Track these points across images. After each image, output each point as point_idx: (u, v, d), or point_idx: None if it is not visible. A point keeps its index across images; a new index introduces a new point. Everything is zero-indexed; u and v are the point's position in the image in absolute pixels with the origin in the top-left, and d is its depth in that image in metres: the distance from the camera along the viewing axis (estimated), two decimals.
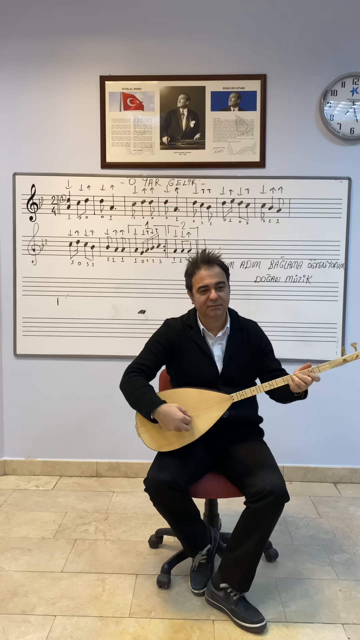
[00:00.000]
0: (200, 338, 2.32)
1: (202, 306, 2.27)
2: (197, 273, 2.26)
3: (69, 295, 3.35)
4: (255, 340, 2.37)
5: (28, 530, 2.81)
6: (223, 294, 2.26)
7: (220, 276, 2.27)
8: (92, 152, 3.30)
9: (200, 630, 2.08)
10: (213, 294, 2.23)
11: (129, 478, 3.43)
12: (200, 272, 2.25)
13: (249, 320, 2.44)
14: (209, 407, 2.20)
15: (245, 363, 2.33)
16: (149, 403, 2.18)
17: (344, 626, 2.11)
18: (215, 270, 2.26)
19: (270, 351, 2.40)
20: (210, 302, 2.24)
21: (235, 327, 2.36)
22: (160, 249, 3.31)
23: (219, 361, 2.32)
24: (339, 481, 3.40)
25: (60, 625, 2.10)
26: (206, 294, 2.24)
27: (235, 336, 2.34)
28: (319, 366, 2.15)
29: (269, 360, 2.37)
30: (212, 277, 2.24)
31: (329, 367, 2.14)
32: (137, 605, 2.22)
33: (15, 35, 3.25)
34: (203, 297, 2.25)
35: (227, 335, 2.34)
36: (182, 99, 3.24)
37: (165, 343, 2.33)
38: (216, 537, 2.37)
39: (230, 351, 2.31)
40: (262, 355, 2.37)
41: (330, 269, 3.27)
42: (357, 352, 2.13)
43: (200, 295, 2.26)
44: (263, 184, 3.25)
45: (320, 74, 3.19)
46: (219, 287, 2.25)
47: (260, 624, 2.06)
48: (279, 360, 2.41)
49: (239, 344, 2.33)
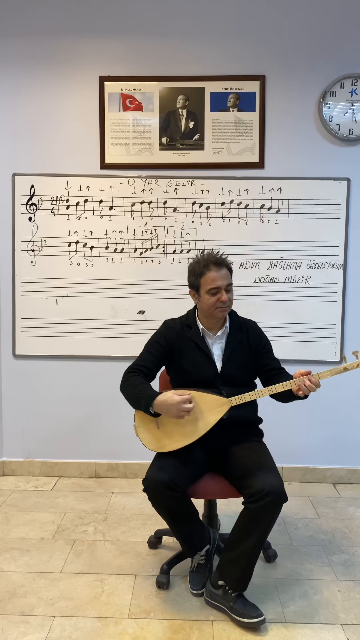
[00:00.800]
0: (199, 338, 2.32)
1: (210, 307, 2.26)
2: (207, 274, 2.25)
3: (68, 296, 3.35)
4: (255, 339, 2.37)
5: (27, 530, 2.81)
6: (231, 296, 2.28)
7: (229, 277, 2.28)
8: (91, 152, 3.30)
9: (199, 630, 2.08)
10: (224, 296, 2.23)
11: (128, 479, 3.43)
12: (210, 274, 2.24)
13: (248, 320, 2.44)
14: (207, 410, 2.20)
15: (245, 362, 2.33)
16: (146, 397, 2.18)
17: (342, 626, 2.11)
18: (224, 272, 2.26)
19: (270, 350, 2.41)
20: (220, 304, 2.24)
21: (234, 326, 2.36)
22: (159, 250, 3.31)
23: (218, 360, 2.32)
24: (338, 482, 3.40)
25: (59, 625, 2.10)
26: (216, 295, 2.24)
27: (234, 335, 2.34)
28: (320, 373, 2.15)
29: (268, 359, 2.38)
30: (222, 278, 2.24)
31: (330, 374, 2.15)
32: (136, 606, 2.22)
33: (14, 36, 3.25)
34: (213, 298, 2.24)
35: (226, 334, 2.34)
36: (181, 99, 3.24)
37: (165, 344, 2.34)
38: (215, 537, 2.37)
39: (229, 350, 2.32)
40: (262, 354, 2.37)
41: (329, 270, 3.27)
42: (358, 361, 2.13)
43: (210, 297, 2.25)
44: (262, 185, 3.25)
45: (319, 75, 3.19)
46: (227, 289, 2.26)
47: (259, 619, 2.06)
48: (278, 359, 2.41)
49: (238, 343, 2.33)
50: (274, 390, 2.19)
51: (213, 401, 2.21)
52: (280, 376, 2.32)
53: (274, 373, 2.34)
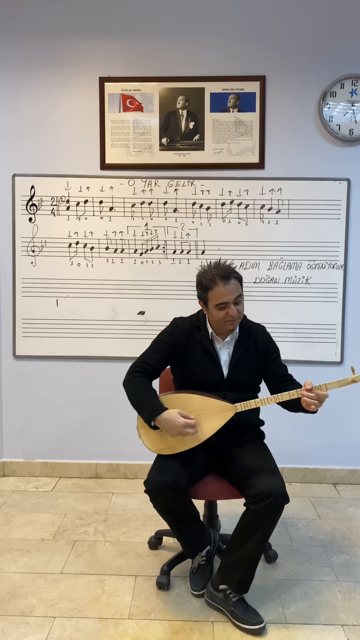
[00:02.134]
0: (208, 341, 2.29)
1: (219, 321, 2.21)
2: (214, 289, 2.17)
3: (68, 297, 3.35)
4: (263, 345, 2.33)
5: (27, 531, 2.80)
6: (241, 307, 2.22)
7: (238, 289, 2.20)
8: (91, 153, 3.30)
9: (200, 631, 2.08)
10: (233, 310, 2.17)
11: (128, 479, 3.43)
12: (217, 288, 2.16)
13: (258, 325, 2.40)
14: (211, 414, 2.18)
15: (251, 368, 2.31)
16: (150, 409, 2.16)
17: (343, 627, 2.11)
18: (232, 285, 2.17)
19: (277, 357, 2.37)
20: (229, 318, 2.19)
21: (243, 332, 2.32)
22: (159, 250, 3.31)
23: (225, 366, 2.29)
24: (339, 482, 3.40)
25: (60, 626, 2.10)
26: (225, 310, 2.18)
27: (242, 341, 2.31)
28: (327, 384, 2.12)
29: (275, 366, 2.34)
30: (230, 293, 2.17)
31: (337, 385, 2.12)
32: (136, 607, 2.22)
33: (14, 37, 3.25)
34: (222, 313, 2.19)
35: (235, 340, 2.31)
36: (182, 100, 3.24)
37: (172, 343, 2.30)
38: (216, 538, 2.37)
39: (236, 356, 2.29)
40: (269, 361, 2.34)
41: (329, 270, 3.27)
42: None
43: (218, 311, 2.19)
44: (262, 185, 3.25)
45: (319, 76, 3.19)
46: (237, 302, 2.20)
47: (259, 626, 2.06)
48: (285, 366, 2.38)
49: (245, 350, 2.30)
50: (281, 399, 2.16)
51: (218, 406, 2.19)
52: (287, 384, 2.28)
53: (281, 381, 2.31)
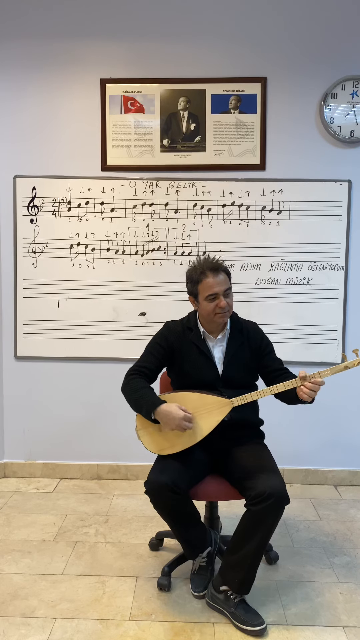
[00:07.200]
0: (200, 340, 2.32)
1: (209, 314, 2.25)
2: (204, 281, 2.24)
3: (69, 298, 3.35)
4: (255, 341, 2.37)
5: (28, 532, 2.80)
6: (230, 300, 2.27)
7: (227, 282, 2.26)
8: (92, 154, 3.30)
9: (201, 633, 2.08)
10: (222, 302, 2.22)
11: (129, 480, 3.43)
12: (207, 280, 2.23)
13: (249, 322, 2.44)
14: (209, 411, 2.20)
15: (246, 364, 2.33)
16: (149, 403, 2.18)
17: (344, 629, 2.10)
18: (221, 277, 2.24)
19: (271, 351, 2.40)
20: (219, 310, 2.23)
21: (235, 328, 2.36)
22: (160, 252, 3.31)
23: (220, 363, 2.32)
24: (340, 483, 3.40)
25: (61, 628, 2.10)
26: (215, 301, 2.23)
27: (235, 338, 2.34)
28: (320, 372, 2.15)
29: (270, 360, 2.37)
30: (219, 284, 2.23)
31: (330, 373, 2.15)
32: (137, 608, 2.21)
33: (16, 38, 3.26)
34: (211, 304, 2.24)
35: (227, 337, 2.34)
36: (183, 101, 3.25)
37: (166, 345, 2.33)
38: (216, 539, 2.37)
39: (230, 353, 2.31)
40: (263, 356, 2.37)
41: (330, 272, 3.27)
42: (359, 359, 2.13)
43: (208, 303, 2.24)
44: (263, 187, 3.25)
45: (320, 77, 3.20)
46: (226, 294, 2.25)
47: (260, 627, 2.06)
48: (280, 360, 2.41)
49: (239, 346, 2.33)
50: (276, 390, 2.19)
51: (215, 402, 2.21)
52: (283, 376, 2.31)
53: (277, 374, 2.34)
